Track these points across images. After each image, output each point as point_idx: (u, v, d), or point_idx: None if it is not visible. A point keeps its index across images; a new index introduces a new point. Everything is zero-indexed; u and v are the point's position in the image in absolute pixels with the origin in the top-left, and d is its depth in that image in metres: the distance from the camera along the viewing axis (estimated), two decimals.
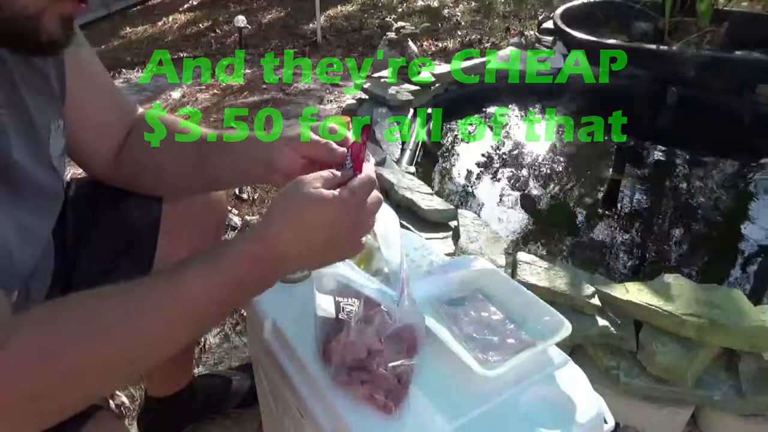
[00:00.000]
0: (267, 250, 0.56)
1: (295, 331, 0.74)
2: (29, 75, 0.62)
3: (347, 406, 0.64)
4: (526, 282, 1.21)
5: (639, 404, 1.16)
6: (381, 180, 1.65)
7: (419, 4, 4.64)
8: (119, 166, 0.82)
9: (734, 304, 1.15)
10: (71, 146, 0.74)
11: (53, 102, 0.67)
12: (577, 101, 2.48)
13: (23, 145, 0.60)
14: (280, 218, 0.57)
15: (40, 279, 0.72)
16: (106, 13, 4.52)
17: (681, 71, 2.36)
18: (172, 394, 1.15)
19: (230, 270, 0.55)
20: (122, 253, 0.86)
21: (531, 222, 1.91)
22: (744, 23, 2.68)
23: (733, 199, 2.05)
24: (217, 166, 0.77)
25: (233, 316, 1.54)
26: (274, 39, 3.95)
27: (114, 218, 0.86)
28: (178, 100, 3.03)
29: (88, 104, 0.76)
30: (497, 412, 0.64)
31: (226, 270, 0.55)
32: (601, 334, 1.16)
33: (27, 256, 0.62)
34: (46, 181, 0.65)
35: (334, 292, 0.65)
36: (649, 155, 2.35)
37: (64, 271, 0.82)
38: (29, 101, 0.61)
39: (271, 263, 0.57)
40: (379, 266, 0.67)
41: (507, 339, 0.71)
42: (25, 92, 0.61)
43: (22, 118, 0.60)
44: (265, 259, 0.56)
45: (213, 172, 0.78)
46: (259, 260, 0.56)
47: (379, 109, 2.17)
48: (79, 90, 0.73)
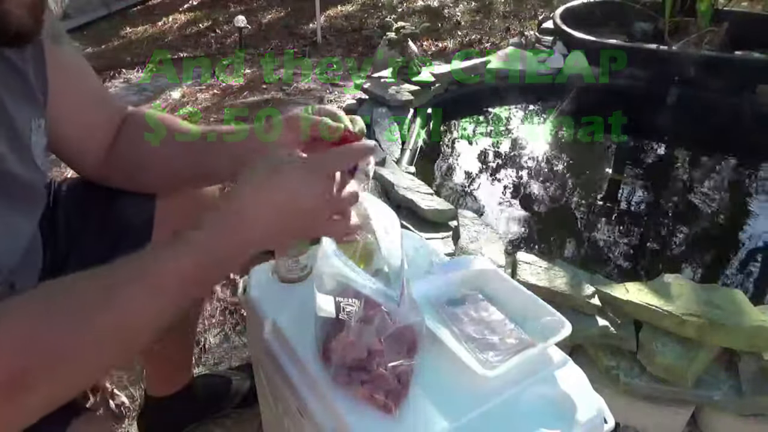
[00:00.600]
0: (230, 211, 0.56)
1: (295, 331, 0.74)
2: (6, 74, 0.62)
3: (347, 406, 0.64)
4: (526, 282, 1.21)
5: (639, 404, 1.16)
6: (381, 180, 1.65)
7: (419, 4, 4.64)
8: (110, 165, 0.82)
9: (734, 304, 1.15)
10: (59, 145, 0.74)
11: (33, 100, 0.67)
12: (577, 101, 2.48)
13: (3, 143, 0.59)
14: (244, 183, 0.58)
15: (26, 275, 0.72)
16: (106, 13, 4.52)
17: (681, 71, 2.37)
18: (171, 394, 1.15)
19: (199, 243, 0.55)
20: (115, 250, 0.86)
21: (531, 222, 1.91)
22: (744, 23, 2.68)
23: (733, 199, 2.05)
24: (214, 160, 0.77)
25: (233, 316, 1.54)
26: (274, 39, 3.95)
27: (107, 216, 0.86)
28: (178, 100, 3.03)
29: (73, 103, 0.76)
30: (497, 412, 0.64)
31: (190, 238, 0.55)
32: (601, 334, 1.16)
33: (8, 252, 0.61)
34: (29, 179, 0.65)
35: (334, 292, 0.65)
36: (649, 155, 2.35)
37: (56, 270, 0.82)
38: (8, 100, 0.61)
39: (235, 225, 0.56)
40: (379, 266, 0.67)
41: (507, 339, 0.71)
42: (3, 91, 0.60)
43: (1, 117, 0.60)
44: (229, 220, 0.56)
45: (210, 166, 0.79)
46: (221, 223, 0.56)
47: (379, 109, 2.17)
48: (63, 89, 0.73)
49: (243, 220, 0.57)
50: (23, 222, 0.66)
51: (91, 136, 0.80)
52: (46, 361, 0.48)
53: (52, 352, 0.48)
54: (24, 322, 0.48)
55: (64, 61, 0.74)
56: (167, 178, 0.83)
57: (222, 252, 0.56)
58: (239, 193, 0.58)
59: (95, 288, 0.52)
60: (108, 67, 3.37)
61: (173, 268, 0.54)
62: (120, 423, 1.27)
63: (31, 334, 0.48)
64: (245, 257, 0.59)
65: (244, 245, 0.58)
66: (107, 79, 3.25)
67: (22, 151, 0.63)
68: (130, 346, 0.55)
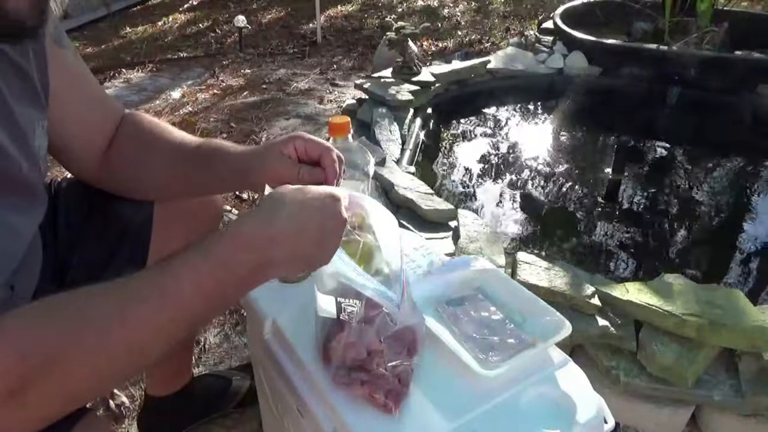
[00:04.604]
0: (255, 234, 0.56)
1: (295, 331, 0.74)
2: (11, 74, 0.62)
3: (347, 406, 0.64)
4: (526, 282, 1.21)
5: (639, 404, 1.16)
6: (381, 180, 1.65)
7: (419, 4, 4.64)
8: (105, 168, 0.82)
9: (734, 304, 1.15)
10: (56, 147, 0.74)
11: (36, 101, 0.67)
12: (577, 101, 2.48)
13: (9, 144, 0.59)
14: (276, 205, 0.58)
15: (26, 276, 0.72)
16: (106, 13, 4.52)
17: (681, 71, 2.37)
18: (171, 394, 1.15)
19: (218, 256, 0.54)
20: (115, 251, 0.86)
21: (531, 222, 1.91)
22: (744, 23, 2.68)
23: (733, 198, 2.05)
24: (207, 172, 0.78)
25: (233, 315, 1.54)
26: (274, 39, 3.95)
27: (106, 216, 0.86)
28: (178, 100, 3.03)
29: (73, 105, 0.76)
30: (497, 412, 0.64)
31: (214, 256, 0.54)
32: (601, 334, 1.16)
33: (9, 253, 0.61)
34: (32, 179, 0.65)
35: (335, 292, 0.65)
36: (649, 155, 2.35)
37: (57, 272, 0.82)
38: (12, 101, 0.61)
39: (259, 248, 0.56)
40: (379, 266, 0.67)
41: (507, 339, 0.71)
42: (7, 92, 0.60)
43: (6, 118, 0.60)
44: (253, 243, 0.55)
45: (203, 178, 0.79)
46: (247, 245, 0.55)
47: (379, 109, 2.17)
48: (63, 90, 0.73)
49: (272, 239, 0.56)
50: (25, 222, 0.66)
51: (88, 139, 0.80)
52: (48, 372, 0.47)
53: (60, 365, 0.47)
54: (35, 331, 0.47)
55: (65, 63, 0.74)
56: (160, 186, 0.83)
57: (242, 270, 0.55)
58: (263, 214, 0.57)
59: (109, 303, 0.51)
60: (108, 67, 3.37)
61: (189, 283, 0.53)
62: (120, 423, 1.27)
63: (40, 345, 0.47)
64: (264, 278, 0.58)
65: (267, 265, 0.57)
66: (107, 79, 3.26)
67: (26, 151, 0.63)
68: (141, 362, 0.55)
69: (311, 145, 0.71)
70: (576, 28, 2.69)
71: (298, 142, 0.71)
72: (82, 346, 0.49)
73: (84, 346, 0.49)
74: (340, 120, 0.80)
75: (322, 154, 0.70)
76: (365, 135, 2.03)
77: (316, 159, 0.71)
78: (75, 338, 0.49)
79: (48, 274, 0.78)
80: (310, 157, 0.71)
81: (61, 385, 0.48)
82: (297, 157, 0.72)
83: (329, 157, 0.70)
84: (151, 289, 0.52)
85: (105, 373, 0.51)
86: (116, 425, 1.26)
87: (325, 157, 0.70)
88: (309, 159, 0.71)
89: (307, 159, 0.72)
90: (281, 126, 2.69)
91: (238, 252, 0.55)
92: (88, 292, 0.52)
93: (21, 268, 0.66)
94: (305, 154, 0.71)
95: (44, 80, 0.69)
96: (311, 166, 0.71)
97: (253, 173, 0.73)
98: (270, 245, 0.56)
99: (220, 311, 1.41)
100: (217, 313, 1.41)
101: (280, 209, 0.57)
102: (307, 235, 0.58)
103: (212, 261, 0.54)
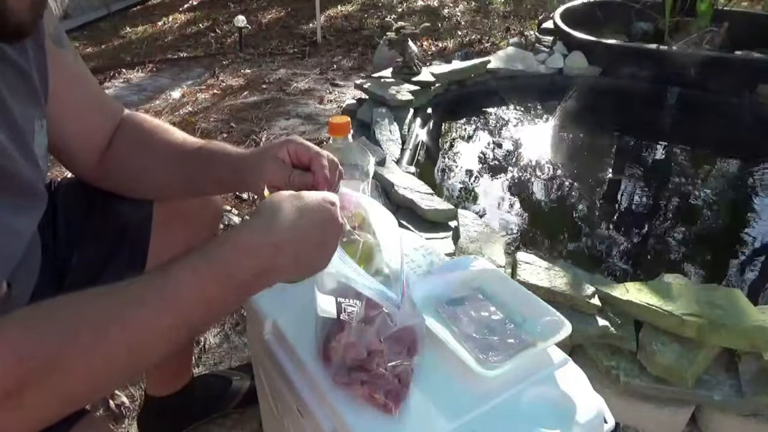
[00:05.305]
0: (258, 240, 0.55)
1: (295, 331, 0.74)
2: (10, 73, 0.62)
3: (347, 406, 0.64)
4: (526, 282, 1.21)
5: (639, 404, 1.16)
6: (381, 180, 1.65)
7: (419, 4, 4.64)
8: (105, 168, 0.82)
9: (734, 304, 1.15)
10: (55, 146, 0.74)
11: (36, 101, 0.67)
12: (577, 101, 2.48)
13: (8, 143, 0.59)
14: (277, 211, 0.58)
15: (25, 275, 0.72)
16: (106, 13, 4.52)
17: (681, 71, 2.37)
18: (171, 394, 1.15)
19: (220, 261, 0.54)
20: (114, 251, 0.86)
21: (531, 222, 1.91)
22: (744, 23, 2.68)
23: (733, 198, 2.05)
24: (206, 173, 0.78)
25: (233, 316, 1.54)
26: (274, 39, 3.95)
27: (106, 216, 0.86)
28: (178, 100, 3.03)
29: (72, 104, 0.76)
30: (497, 412, 0.64)
31: (216, 261, 0.54)
32: (601, 334, 1.16)
33: (9, 252, 0.61)
34: (31, 179, 0.65)
35: (335, 292, 0.65)
36: (649, 155, 2.35)
37: (56, 271, 0.82)
38: (11, 101, 0.61)
39: (263, 255, 0.55)
40: (379, 266, 0.67)
41: (507, 339, 0.71)
42: (6, 91, 0.60)
43: (5, 117, 0.60)
44: (257, 250, 0.55)
45: (201, 179, 0.79)
46: (250, 251, 0.55)
47: (379, 109, 2.16)
48: (63, 90, 0.73)
49: (276, 246, 0.56)
50: (24, 222, 0.66)
51: (87, 138, 0.80)
52: (47, 375, 0.47)
53: (59, 368, 0.47)
54: (33, 333, 0.47)
55: (64, 63, 0.74)
56: (159, 185, 0.83)
57: (245, 276, 0.55)
58: (270, 220, 0.57)
59: (109, 305, 0.51)
60: (108, 67, 3.37)
61: (191, 288, 0.52)
62: (120, 423, 1.27)
63: (39, 347, 0.47)
64: (266, 284, 0.58)
65: (269, 272, 0.57)
66: (107, 79, 3.26)
67: (26, 151, 0.63)
68: (140, 365, 0.54)
69: (302, 149, 0.71)
70: (576, 28, 2.69)
71: (290, 146, 0.72)
72: (80, 349, 0.48)
73: (83, 349, 0.48)
74: (340, 120, 0.80)
75: (311, 158, 0.70)
76: (365, 135, 2.03)
77: (307, 164, 0.71)
78: (74, 340, 0.48)
79: (47, 274, 0.78)
80: (301, 161, 0.72)
81: (60, 388, 0.48)
82: (291, 161, 0.72)
83: (318, 162, 0.70)
84: (151, 292, 0.52)
85: (104, 375, 0.51)
86: (116, 425, 1.26)
87: (314, 162, 0.70)
88: (300, 163, 0.72)
89: (298, 163, 0.72)
90: (281, 126, 2.69)
91: (242, 258, 0.55)
92: (88, 295, 0.51)
93: (20, 268, 0.65)
94: (296, 158, 0.72)
95: (43, 80, 0.69)
96: (302, 171, 0.71)
97: (249, 176, 0.74)
98: (274, 252, 0.56)
99: (220, 317, 1.41)
100: (217, 319, 1.41)
101: (280, 216, 0.57)
102: (309, 241, 0.58)
103: (215, 266, 0.54)
